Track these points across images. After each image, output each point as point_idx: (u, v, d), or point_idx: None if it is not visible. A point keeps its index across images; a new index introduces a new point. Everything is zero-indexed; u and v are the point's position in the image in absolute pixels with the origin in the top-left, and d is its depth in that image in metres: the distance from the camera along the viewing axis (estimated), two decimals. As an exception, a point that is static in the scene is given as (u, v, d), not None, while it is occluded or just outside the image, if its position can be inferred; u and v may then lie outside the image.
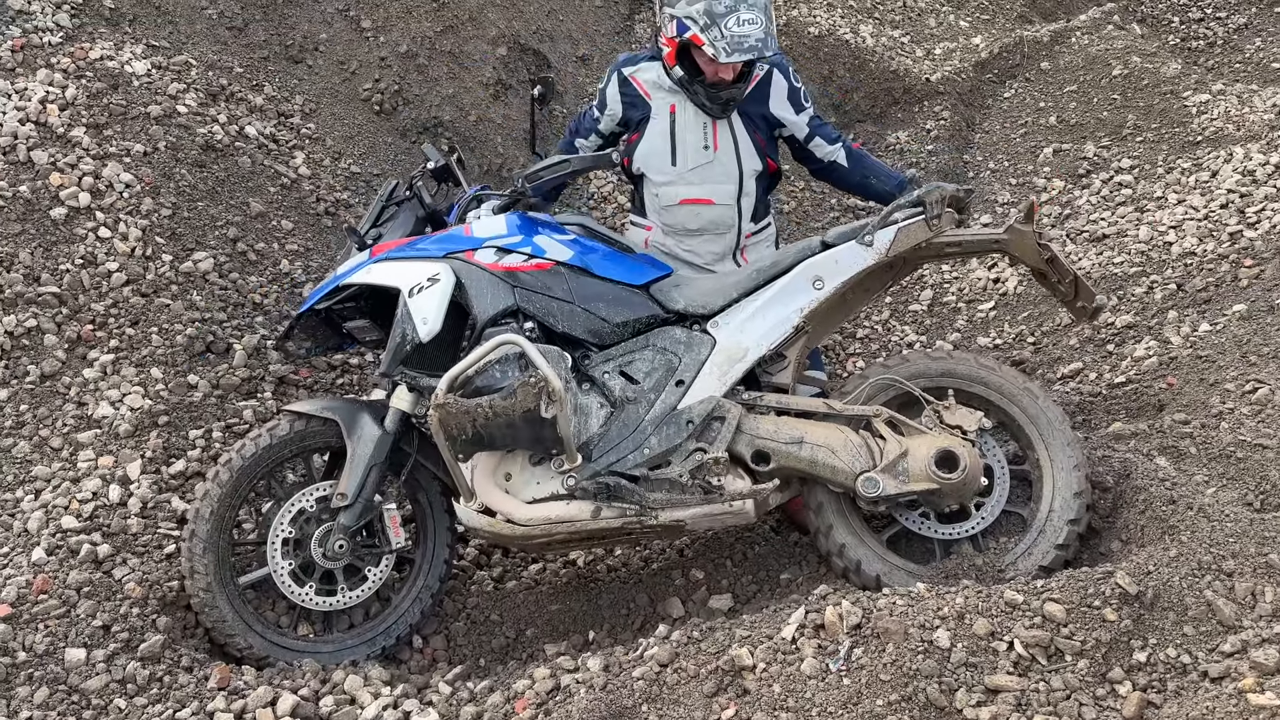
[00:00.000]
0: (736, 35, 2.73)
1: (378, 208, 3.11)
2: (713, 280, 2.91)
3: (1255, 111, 4.81)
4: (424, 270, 2.71)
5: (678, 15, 2.80)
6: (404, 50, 4.35)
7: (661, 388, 2.71)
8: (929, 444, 2.59)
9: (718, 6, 2.73)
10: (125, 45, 3.88)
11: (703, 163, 3.07)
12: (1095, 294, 2.84)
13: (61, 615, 2.49)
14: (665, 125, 3.05)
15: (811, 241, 2.83)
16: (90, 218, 3.35)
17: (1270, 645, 1.99)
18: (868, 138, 5.47)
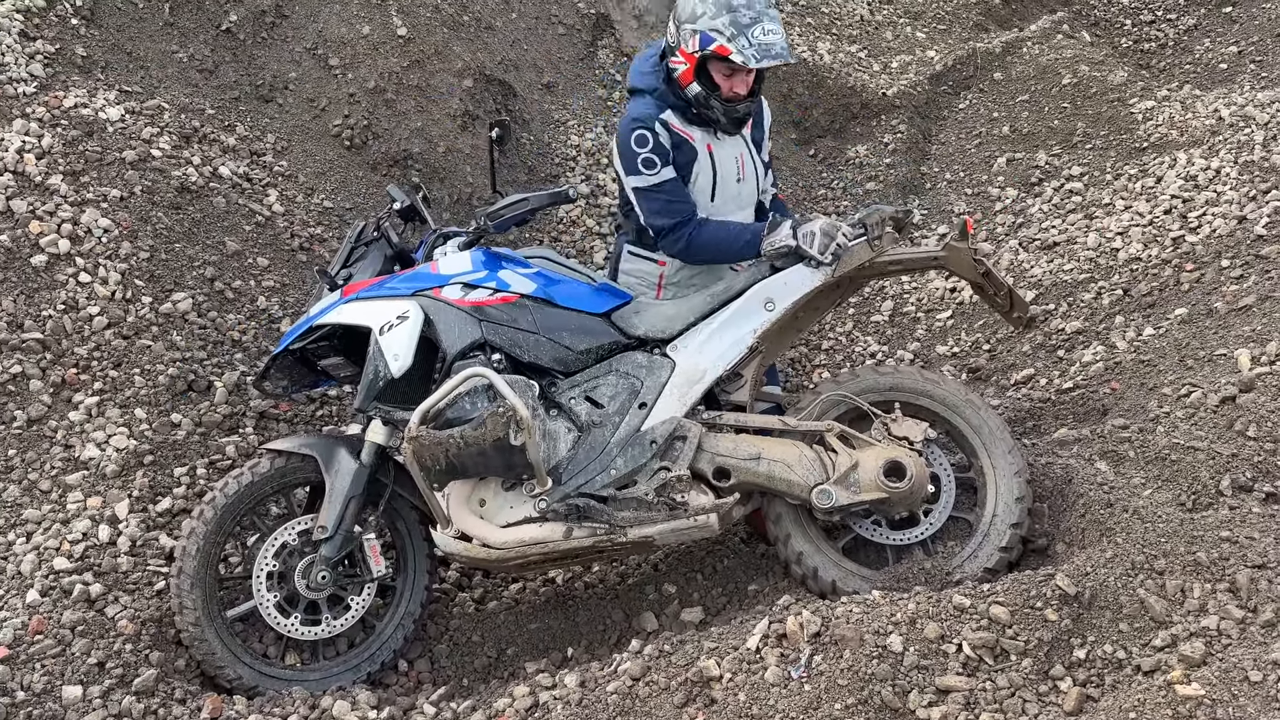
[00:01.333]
0: (763, 43, 2.83)
1: (347, 248, 3.24)
2: (670, 305, 3.04)
3: (1198, 117, 4.98)
4: (393, 309, 2.86)
5: (701, 29, 2.87)
6: (372, 86, 4.46)
7: (625, 410, 2.84)
8: (877, 455, 2.74)
9: (743, 17, 2.83)
10: (99, 92, 3.97)
11: (735, 193, 3.18)
12: (1028, 305, 3.04)
13: (57, 654, 2.59)
14: (707, 162, 3.10)
15: (760, 265, 2.97)
16: (70, 263, 3.45)
17: (1197, 639, 2.13)
18: (827, 153, 5.62)
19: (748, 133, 3.21)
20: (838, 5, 6.44)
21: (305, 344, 3.01)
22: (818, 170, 5.54)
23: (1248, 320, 3.27)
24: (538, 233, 4.74)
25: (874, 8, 6.62)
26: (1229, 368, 3.03)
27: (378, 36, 4.53)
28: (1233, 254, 3.72)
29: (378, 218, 3.28)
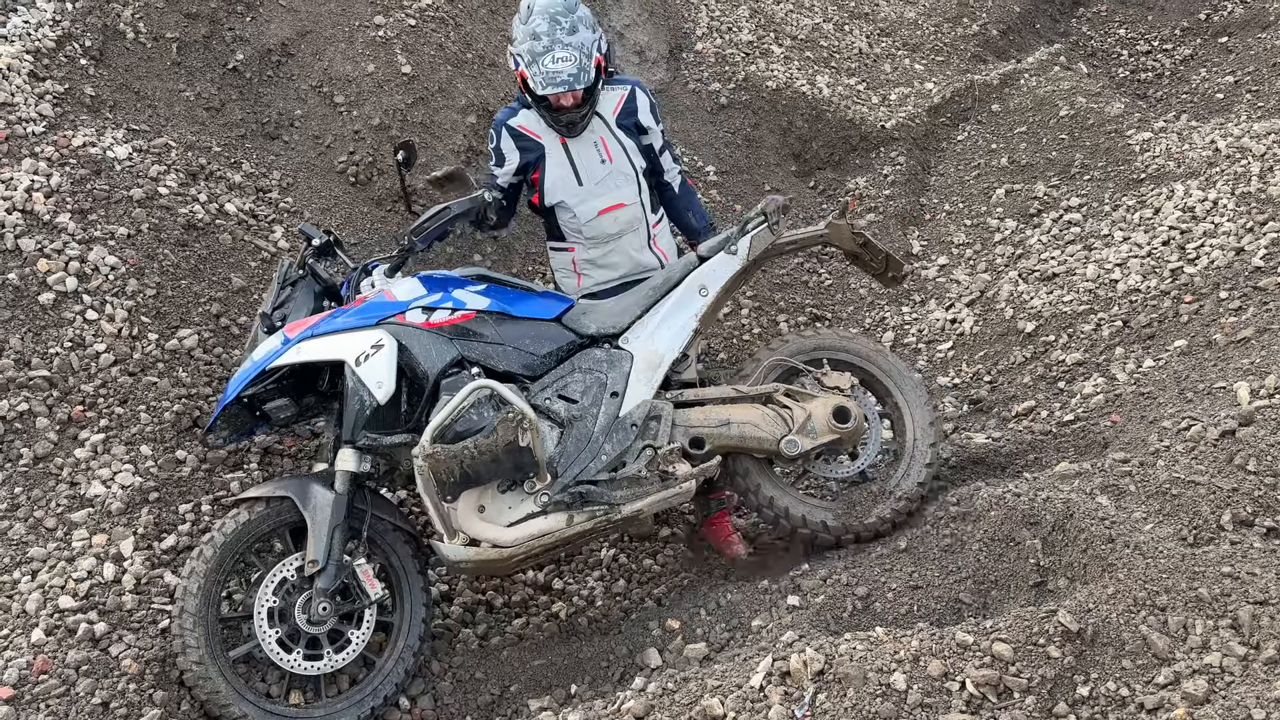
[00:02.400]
0: (550, 71, 3.19)
1: (275, 289, 3.28)
2: (613, 303, 3.34)
3: (1194, 148, 5.03)
4: (364, 339, 2.95)
5: (513, 52, 3.31)
6: (376, 123, 4.51)
7: (600, 402, 3.08)
8: (825, 404, 3.20)
9: (536, 46, 3.20)
10: (106, 131, 4.02)
11: (604, 175, 3.50)
12: (902, 264, 3.63)
13: (62, 694, 2.59)
14: (562, 155, 3.47)
15: (690, 257, 3.37)
16: (78, 301, 3.48)
17: (1200, 676, 2.13)
18: (827, 184, 5.67)
19: (612, 118, 3.48)
20: (836, 39, 6.51)
21: (255, 389, 3.01)
22: (818, 202, 5.59)
23: (1246, 353, 3.29)
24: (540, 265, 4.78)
25: (872, 41, 6.69)
26: (1228, 401, 3.04)
27: (382, 74, 4.59)
28: (1231, 285, 3.74)
29: (301, 255, 3.35)
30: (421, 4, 4.87)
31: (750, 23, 6.24)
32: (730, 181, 5.46)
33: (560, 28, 3.20)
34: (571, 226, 3.56)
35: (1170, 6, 7.28)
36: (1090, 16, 7.47)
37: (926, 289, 4.98)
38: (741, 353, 4.63)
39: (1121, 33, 7.23)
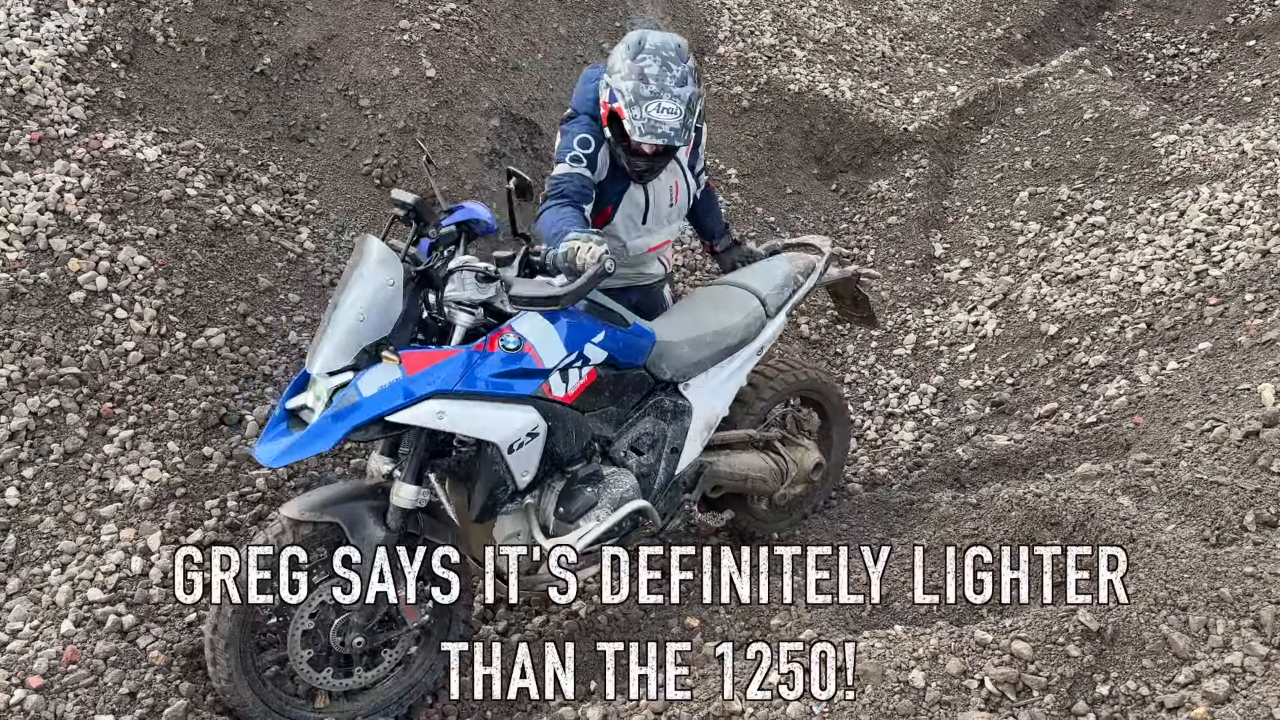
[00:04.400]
0: (652, 119, 2.86)
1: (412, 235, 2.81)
2: (689, 348, 3.11)
3: (1220, 151, 4.99)
4: (517, 421, 2.62)
5: (613, 85, 2.93)
6: (401, 126, 4.55)
7: (661, 456, 3.04)
8: (807, 457, 3.46)
9: (644, 90, 2.86)
10: (136, 133, 4.09)
11: (665, 214, 3.34)
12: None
13: (90, 684, 2.63)
14: (641, 195, 3.20)
15: (757, 307, 3.25)
16: (107, 300, 3.53)
17: (1221, 675, 2.12)
18: (849, 187, 5.67)
19: (685, 159, 3.29)
20: (859, 42, 6.51)
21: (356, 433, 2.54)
22: (840, 205, 5.59)
23: (1272, 354, 3.27)
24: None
25: (895, 44, 6.69)
26: (1253, 402, 3.02)
27: (407, 78, 4.64)
28: (1256, 288, 3.72)
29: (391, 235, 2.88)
30: (446, 8, 4.91)
31: (773, 26, 6.25)
32: (752, 184, 5.47)
33: (671, 75, 2.88)
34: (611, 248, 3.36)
35: (1197, 10, 7.22)
36: (1116, 20, 7.43)
37: (949, 291, 4.97)
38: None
39: (1147, 36, 7.19)
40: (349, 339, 2.49)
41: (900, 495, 3.53)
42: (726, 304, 3.25)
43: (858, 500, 3.58)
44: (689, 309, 3.28)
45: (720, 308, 3.23)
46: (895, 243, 5.29)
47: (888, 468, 3.97)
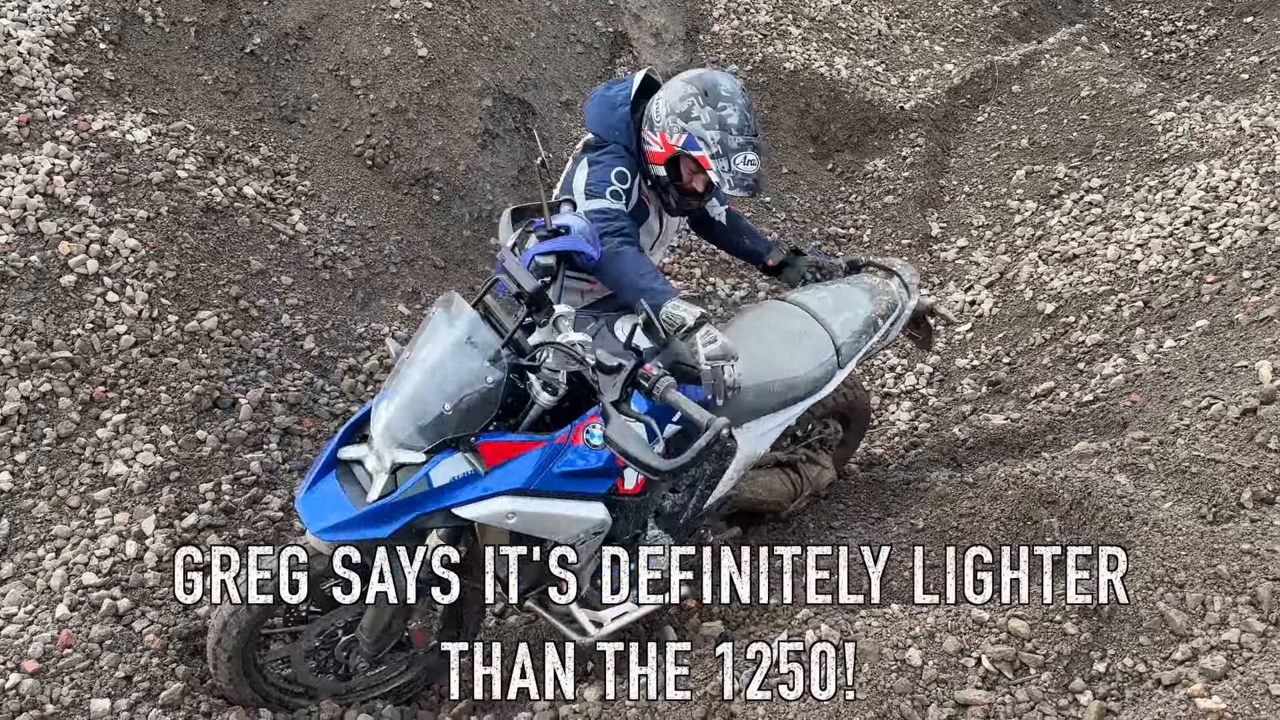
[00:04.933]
0: (741, 173, 2.84)
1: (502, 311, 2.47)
2: (753, 395, 2.87)
3: (1218, 128, 4.97)
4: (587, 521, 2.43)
5: (691, 131, 2.83)
6: (393, 106, 4.52)
7: (695, 494, 2.86)
8: (823, 475, 3.32)
9: (731, 142, 2.82)
10: (126, 115, 4.05)
11: (668, 243, 3.31)
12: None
13: (86, 668, 2.63)
14: (656, 225, 3.15)
15: (831, 354, 3.01)
16: (98, 283, 3.51)
17: (1218, 652, 2.12)
18: (845, 167, 5.64)
19: None
20: (855, 20, 6.47)
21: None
22: (836, 184, 5.56)
23: (1269, 331, 3.25)
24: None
25: (891, 22, 6.64)
26: (1250, 379, 3.01)
27: (399, 57, 4.60)
28: (1254, 265, 3.70)
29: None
30: (438, -13, 4.88)
31: (767, 4, 6.20)
32: (747, 164, 5.43)
33: (749, 126, 2.85)
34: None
35: (1194, -14, 7.18)
36: (1113, -3, 7.39)
37: (945, 271, 4.95)
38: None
39: (1145, 13, 7.14)
40: (433, 428, 2.21)
41: (897, 475, 3.52)
42: (801, 345, 3.01)
43: (854, 480, 3.57)
44: (761, 340, 3.01)
45: (794, 348, 3.00)
46: (892, 222, 5.27)
47: (884, 448, 3.96)
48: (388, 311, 4.13)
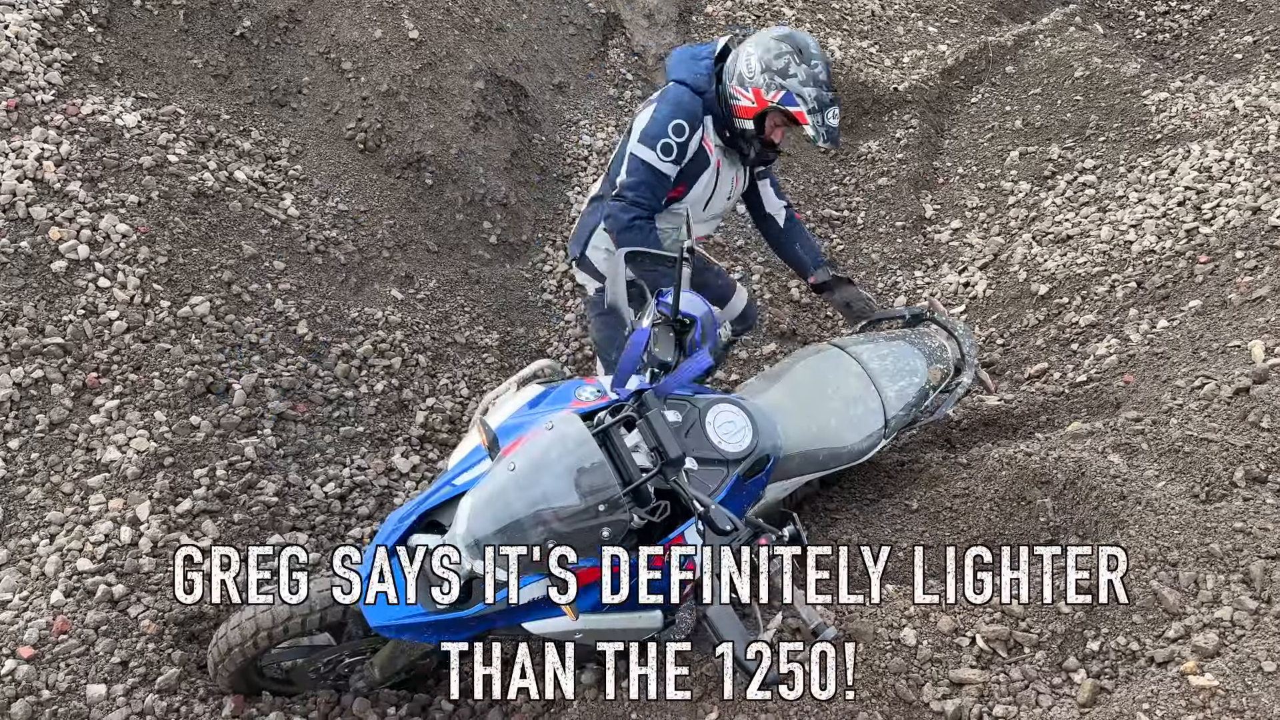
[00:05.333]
0: (832, 128, 3.06)
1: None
2: (798, 462, 2.81)
3: (1211, 108, 4.96)
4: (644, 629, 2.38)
5: (789, 89, 3.00)
6: (385, 89, 4.49)
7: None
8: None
9: (825, 98, 3.03)
10: (115, 99, 4.02)
11: (721, 208, 3.34)
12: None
13: (81, 654, 2.63)
14: (713, 178, 3.22)
15: (878, 430, 2.96)
16: (90, 269, 3.49)
17: (1210, 630, 2.13)
18: (839, 149, 5.62)
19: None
20: (848, 1, 6.43)
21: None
22: (830, 166, 5.54)
23: (1262, 311, 3.26)
24: (550, 232, 4.76)
25: (885, 3, 6.61)
26: (1243, 359, 3.02)
27: (390, 40, 4.57)
28: (1247, 245, 3.70)
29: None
30: (428, -32, 4.84)
31: (761, -15, 6.16)
32: (741, 146, 5.42)
33: (830, 83, 3.07)
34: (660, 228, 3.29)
35: (1188, -35, 7.15)
36: (1107, -24, 7.35)
37: (939, 253, 4.95)
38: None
39: (1138, -8, 7.11)
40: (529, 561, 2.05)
41: (891, 457, 3.52)
42: (853, 413, 2.94)
43: (849, 462, 3.58)
44: (816, 400, 2.93)
45: (846, 416, 2.92)
46: (885, 204, 5.26)
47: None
48: (381, 296, 4.12)
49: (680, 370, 2.28)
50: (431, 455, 3.70)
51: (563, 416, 2.15)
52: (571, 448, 2.07)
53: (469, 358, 4.13)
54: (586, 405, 2.38)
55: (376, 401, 3.73)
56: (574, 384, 2.51)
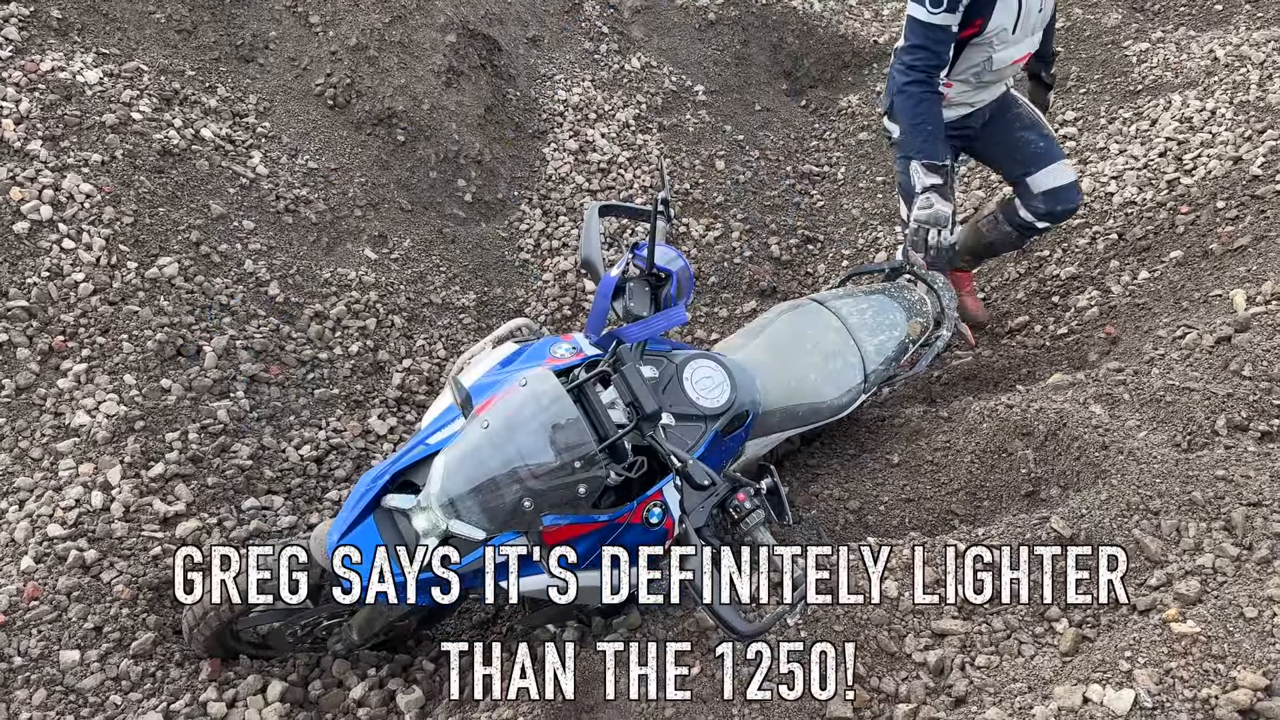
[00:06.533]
0: None
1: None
2: (778, 417, 2.79)
3: (1193, 58, 4.92)
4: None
5: None
6: (354, 43, 4.38)
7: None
8: None
9: None
10: (75, 55, 3.90)
11: (1035, 23, 3.17)
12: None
13: (54, 620, 2.58)
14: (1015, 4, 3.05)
15: (857, 386, 2.94)
16: (53, 230, 3.40)
17: (1193, 577, 2.13)
18: (819, 103, 5.55)
19: None
20: (827, -48, 6.33)
21: None
22: (810, 121, 5.48)
23: (1243, 261, 3.24)
24: (526, 190, 4.69)
25: (864, -46, 6.51)
26: (1224, 308, 3.00)
27: (359, -8, 4.45)
28: (1228, 195, 3.68)
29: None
30: (397, -81, 4.71)
31: (738, -64, 6.05)
32: (720, 101, 5.34)
33: None
34: (969, 66, 3.19)
35: (1169, -85, 7.07)
36: (1087, -74, 7.26)
37: (919, 207, 4.91)
38: (733, 276, 4.56)
39: (1119, -57, 7.03)
40: (504, 518, 2.01)
41: (871, 412, 3.50)
42: (833, 368, 2.92)
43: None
44: (795, 356, 2.91)
45: (826, 371, 2.90)
46: (866, 159, 5.21)
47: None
48: (354, 256, 4.05)
49: (653, 319, 2.23)
50: (409, 417, 3.65)
51: (537, 373, 2.11)
52: (546, 404, 2.03)
53: (446, 318, 4.07)
54: (562, 362, 2.34)
55: (351, 363, 3.67)
56: (549, 341, 2.47)
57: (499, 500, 1.99)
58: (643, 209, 2.41)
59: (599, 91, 5.05)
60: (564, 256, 4.43)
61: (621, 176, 4.72)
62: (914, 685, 2.10)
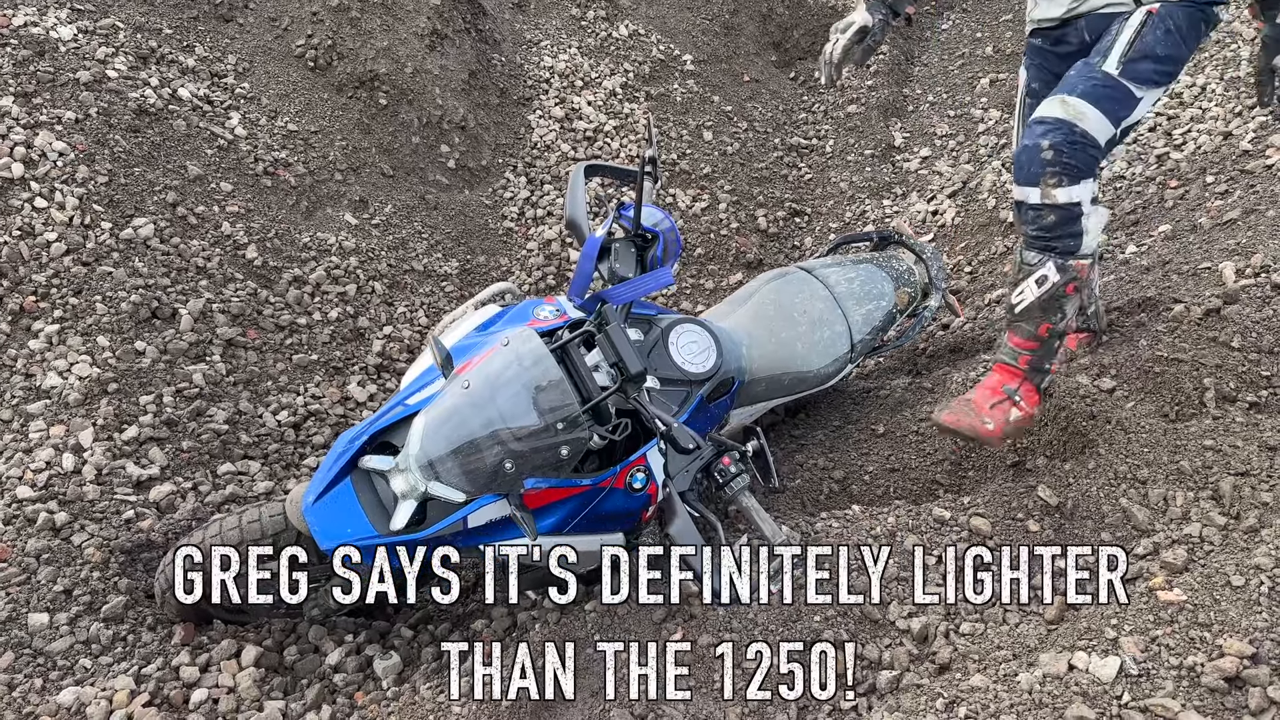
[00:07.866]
0: None
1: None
2: (764, 386, 2.77)
3: (1184, 34, 4.88)
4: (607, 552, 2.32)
5: None
6: (335, 3, 4.29)
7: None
8: None
9: None
10: (49, 10, 3.81)
11: None
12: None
13: (22, 582, 2.53)
14: None
15: (844, 355, 2.91)
16: (25, 188, 3.32)
17: (1180, 546, 2.11)
18: (808, 75, 5.50)
19: None
20: (818, -77, 6.25)
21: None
22: (798, 93, 5.43)
23: (1232, 234, 3.22)
24: (511, 157, 4.63)
25: (855, -74, 6.44)
26: (1213, 280, 2.98)
27: (341, -48, 4.36)
28: (1217, 170, 3.66)
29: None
30: (381, -122, 4.60)
31: (728, -95, 5.97)
32: (708, 71, 5.28)
33: None
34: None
35: (1162, -108, 7.01)
36: (1080, -97, 7.20)
37: (908, 181, 4.87)
38: (720, 248, 4.52)
39: (1111, -80, 6.98)
40: (485, 480, 1.96)
41: (856, 384, 3.48)
42: (819, 337, 2.87)
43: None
44: (781, 324, 2.85)
45: (812, 340, 2.86)
46: (855, 132, 5.16)
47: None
48: (334, 221, 3.98)
49: (638, 281, 2.18)
50: (390, 385, 3.60)
51: (520, 333, 2.06)
52: (528, 365, 1.98)
53: (428, 285, 4.01)
54: (545, 324, 2.29)
55: (331, 329, 3.61)
56: (531, 303, 2.42)
57: (479, 462, 1.94)
58: (629, 169, 2.36)
59: (585, 59, 4.98)
60: (549, 225, 4.37)
61: (608, 145, 4.65)
62: (897, 652, 2.08)
